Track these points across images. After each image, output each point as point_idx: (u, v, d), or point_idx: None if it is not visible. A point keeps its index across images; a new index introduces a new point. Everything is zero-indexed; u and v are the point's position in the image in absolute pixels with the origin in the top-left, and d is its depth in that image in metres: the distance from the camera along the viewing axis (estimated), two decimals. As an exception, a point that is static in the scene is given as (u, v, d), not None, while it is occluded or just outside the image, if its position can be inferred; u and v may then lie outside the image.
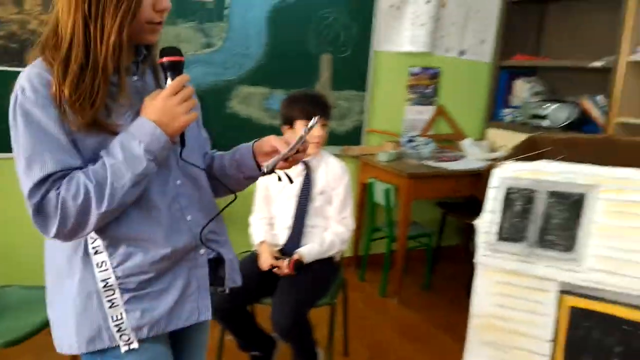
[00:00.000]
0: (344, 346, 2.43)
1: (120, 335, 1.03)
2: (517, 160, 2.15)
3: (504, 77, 3.76)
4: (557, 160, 2.19)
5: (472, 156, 3.41)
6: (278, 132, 2.13)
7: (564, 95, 3.53)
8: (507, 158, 2.17)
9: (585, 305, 2.02)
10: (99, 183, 0.94)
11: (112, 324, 1.02)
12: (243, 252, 2.17)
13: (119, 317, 1.02)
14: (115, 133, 0.98)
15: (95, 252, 1.01)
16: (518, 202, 2.15)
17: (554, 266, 2.05)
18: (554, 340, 2.09)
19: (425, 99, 3.61)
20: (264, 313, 2.03)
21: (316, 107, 2.05)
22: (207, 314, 1.13)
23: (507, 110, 3.75)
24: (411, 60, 3.50)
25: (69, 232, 0.95)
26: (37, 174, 0.93)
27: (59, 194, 0.93)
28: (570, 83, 3.52)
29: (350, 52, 3.24)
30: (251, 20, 2.98)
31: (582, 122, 3.23)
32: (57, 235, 0.95)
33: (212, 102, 2.97)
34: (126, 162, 0.96)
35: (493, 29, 3.70)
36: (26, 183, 0.94)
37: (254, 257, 2.09)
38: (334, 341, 2.13)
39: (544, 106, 3.31)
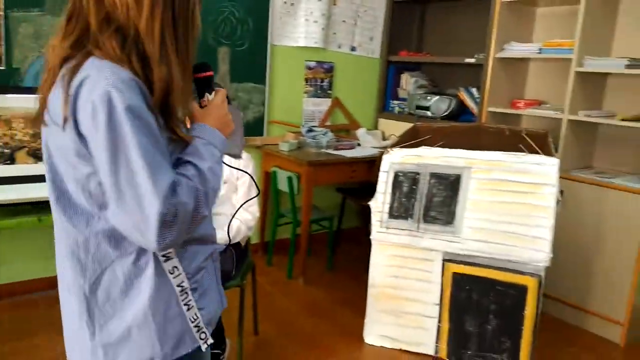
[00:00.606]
0: (254, 326, 2.55)
1: (200, 335, 1.04)
2: (403, 147, 2.40)
3: (391, 71, 4.07)
4: (437, 146, 2.48)
5: (366, 144, 3.66)
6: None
7: (445, 87, 3.91)
8: (394, 145, 2.41)
9: (465, 270, 2.32)
10: (204, 188, 0.92)
11: (192, 326, 1.02)
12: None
13: (196, 316, 1.03)
14: (183, 138, 0.96)
15: (167, 260, 0.98)
16: (405, 183, 2.41)
17: (437, 238, 2.34)
18: (441, 303, 2.38)
19: (322, 92, 3.81)
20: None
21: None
22: (226, 300, 1.18)
23: (395, 102, 4.06)
24: (307, 55, 3.67)
25: (178, 240, 0.89)
26: (166, 181, 0.86)
27: (181, 201, 0.87)
28: (450, 77, 3.90)
29: (247, 45, 3.33)
30: None
31: (460, 111, 3.61)
32: (166, 246, 0.88)
33: None
34: (216, 165, 0.97)
35: (380, 27, 3.99)
36: (155, 192, 0.84)
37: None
38: (244, 322, 2.24)
39: (427, 98, 3.64)
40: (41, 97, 0.94)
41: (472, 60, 3.37)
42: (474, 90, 3.50)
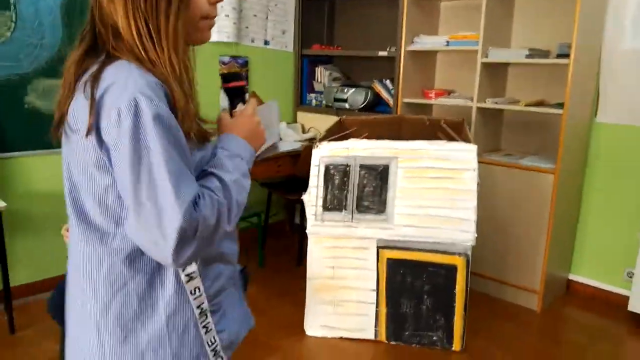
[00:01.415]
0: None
1: (217, 359, 1.00)
2: (331, 140, 2.44)
3: (305, 64, 4.10)
4: (362, 137, 2.55)
5: (287, 138, 3.67)
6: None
7: (359, 80, 4.02)
8: (322, 139, 2.45)
9: (398, 255, 2.42)
10: (227, 201, 0.89)
11: (209, 350, 0.98)
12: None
13: (213, 340, 0.99)
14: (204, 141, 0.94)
15: (189, 280, 0.94)
16: (336, 176, 2.45)
17: (371, 227, 2.41)
18: (377, 289, 2.46)
19: (237, 88, 3.75)
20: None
21: None
22: (253, 320, 1.15)
23: (312, 95, 4.10)
24: (221, 50, 3.59)
25: (196, 256, 0.85)
26: (189, 194, 0.82)
27: (203, 215, 0.83)
28: (362, 69, 4.02)
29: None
30: (43, 9, 2.74)
31: (376, 103, 3.73)
32: (183, 262, 0.84)
33: (6, 98, 2.67)
34: (243, 178, 0.94)
35: (292, 20, 4.00)
36: (176, 206, 0.80)
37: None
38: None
39: (345, 90, 3.72)
40: (58, 113, 0.91)
41: (385, 54, 3.49)
42: (387, 82, 3.63)
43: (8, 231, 2.57)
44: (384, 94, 3.68)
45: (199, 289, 0.95)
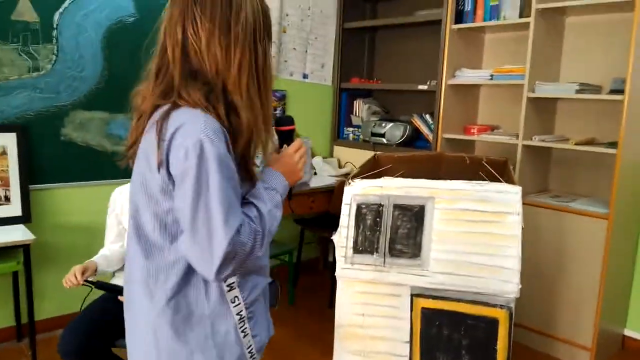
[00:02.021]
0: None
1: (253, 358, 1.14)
2: (364, 177, 2.32)
3: (344, 98, 4.03)
4: (397, 175, 2.41)
5: (323, 173, 3.57)
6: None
7: (398, 114, 3.90)
8: (355, 176, 2.32)
9: (434, 305, 2.24)
10: (262, 230, 1.02)
11: (246, 352, 1.12)
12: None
13: (250, 343, 1.13)
14: (254, 179, 1.09)
15: (230, 290, 1.08)
16: (368, 216, 2.31)
17: (404, 272, 2.25)
18: (411, 341, 2.28)
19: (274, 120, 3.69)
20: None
21: None
22: (273, 328, 1.27)
23: (349, 129, 4.01)
24: (258, 83, 3.56)
25: (232, 274, 1.00)
26: (235, 224, 0.97)
27: (242, 241, 0.98)
28: (402, 103, 3.90)
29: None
30: (84, 42, 2.78)
31: (415, 138, 3.60)
32: (221, 279, 0.99)
33: (43, 129, 2.69)
34: (275, 209, 1.07)
35: (331, 54, 3.95)
36: (224, 234, 0.95)
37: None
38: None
39: (382, 125, 3.61)
40: (133, 137, 1.08)
41: (425, 87, 3.37)
42: (427, 117, 3.50)
43: (36, 264, 2.55)
44: (424, 129, 3.54)
45: (238, 298, 1.10)
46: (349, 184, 2.30)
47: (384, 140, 3.58)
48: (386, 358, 2.30)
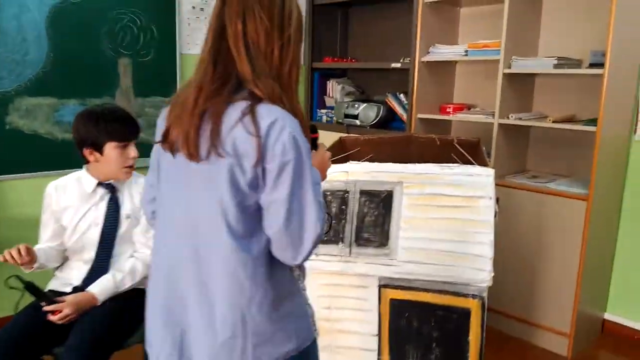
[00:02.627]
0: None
1: (314, 327, 1.25)
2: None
3: (316, 78, 3.87)
4: (366, 159, 2.28)
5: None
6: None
7: (373, 94, 3.75)
8: (319, 161, 2.18)
9: (402, 296, 2.12)
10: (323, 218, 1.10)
11: (311, 320, 1.24)
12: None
13: (311, 311, 1.25)
14: None
15: (293, 270, 1.19)
16: (334, 204, 2.18)
17: (371, 262, 2.13)
18: (379, 334, 2.17)
19: (241, 103, 3.53)
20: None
21: (130, 126, 1.83)
22: None
23: (322, 111, 3.86)
24: (222, 64, 3.39)
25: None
26: (322, 216, 1.07)
27: (322, 232, 1.08)
28: (378, 83, 3.75)
29: (153, 55, 3.01)
30: (27, 23, 2.58)
31: (390, 119, 3.46)
32: (300, 264, 1.15)
33: (-15, 118, 2.52)
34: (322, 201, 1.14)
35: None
36: (315, 224, 1.05)
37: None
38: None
39: (355, 105, 3.46)
40: (194, 133, 1.04)
41: (398, 65, 3.22)
42: (402, 97, 3.36)
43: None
44: (399, 110, 3.40)
45: (300, 274, 1.24)
46: (311, 169, 2.16)
47: (358, 122, 3.44)
48: (355, 353, 2.19)
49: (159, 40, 3.02)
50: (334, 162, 2.21)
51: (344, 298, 2.17)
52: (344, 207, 2.17)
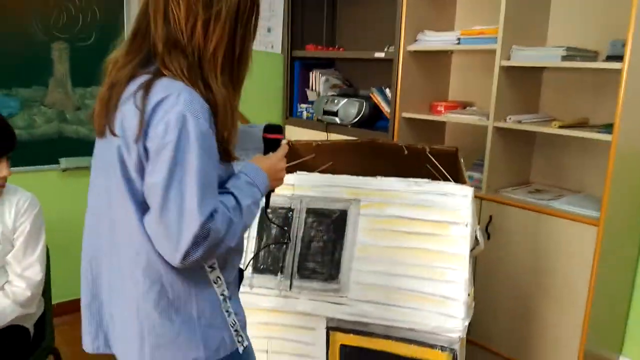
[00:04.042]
0: None
1: (237, 338, 1.13)
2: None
3: (297, 69, 3.49)
4: (320, 170, 1.91)
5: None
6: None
7: (362, 87, 3.36)
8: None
9: (356, 342, 1.75)
10: (237, 220, 1.02)
11: (232, 330, 1.12)
12: None
13: (234, 322, 1.13)
14: (232, 159, 1.09)
15: (212, 270, 1.09)
16: (274, 224, 1.81)
17: (317, 299, 1.75)
18: (327, 387, 1.80)
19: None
20: None
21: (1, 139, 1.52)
22: None
23: (303, 106, 3.48)
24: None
25: (199, 261, 0.98)
26: (210, 206, 0.96)
27: (215, 227, 0.97)
28: (366, 75, 3.36)
29: (94, 40, 2.67)
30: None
31: (376, 117, 3.07)
32: (186, 264, 0.97)
33: None
34: (253, 205, 1.08)
35: (280, 16, 3.40)
36: (197, 214, 0.94)
37: None
38: None
39: (335, 101, 3.08)
40: (100, 107, 1.03)
41: (381, 55, 2.82)
42: (388, 91, 2.96)
43: None
44: (384, 107, 3.00)
45: (219, 278, 1.11)
46: (247, 181, 1.79)
47: (337, 120, 3.06)
48: (297, 407, 1.82)
49: (102, 22, 2.67)
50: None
51: (284, 341, 1.80)
52: (286, 228, 1.79)
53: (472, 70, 2.78)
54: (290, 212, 1.81)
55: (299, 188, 1.81)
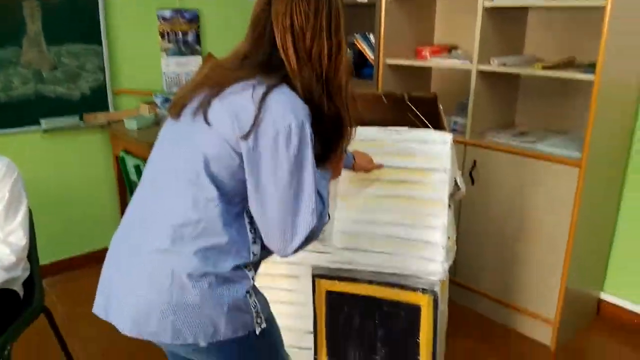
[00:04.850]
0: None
1: (257, 319, 1.15)
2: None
3: (279, 16, 3.43)
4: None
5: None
6: None
7: (350, 33, 3.31)
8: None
9: (341, 288, 1.83)
10: (325, 215, 1.18)
11: (253, 312, 1.14)
12: None
13: (255, 304, 1.15)
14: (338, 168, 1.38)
15: (254, 256, 1.15)
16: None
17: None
18: (315, 331, 1.90)
19: (187, 48, 3.16)
20: None
21: None
22: None
23: (287, 55, 3.45)
24: (158, 2, 2.99)
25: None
26: (319, 208, 1.12)
27: (318, 226, 1.11)
28: (354, 20, 3.31)
29: (65, -5, 2.62)
30: None
31: (361, 64, 3.06)
32: (287, 256, 1.13)
33: None
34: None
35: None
36: (312, 215, 1.08)
37: None
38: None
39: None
40: (195, 92, 1.12)
41: (364, 0, 2.78)
42: (372, 37, 2.93)
43: None
44: (369, 54, 2.99)
45: (250, 265, 1.15)
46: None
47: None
48: (287, 351, 1.92)
49: (72, -25, 2.62)
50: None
51: (272, 289, 1.86)
52: (269, 181, 1.84)
53: (457, 12, 2.75)
54: (272, 165, 1.85)
55: (280, 140, 1.83)
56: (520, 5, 2.32)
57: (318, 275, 1.83)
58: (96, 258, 3.05)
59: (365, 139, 1.76)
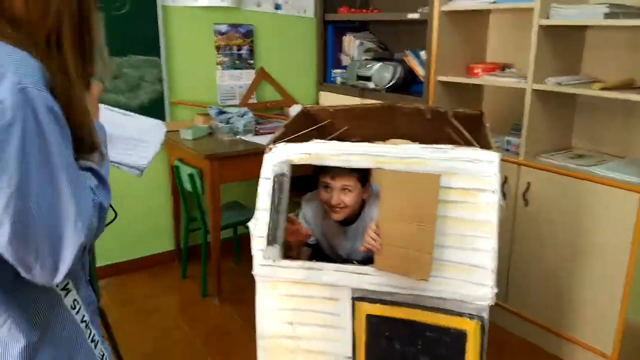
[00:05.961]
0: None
1: None
2: (289, 141, 1.73)
3: (330, 33, 3.37)
4: (334, 136, 1.83)
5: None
6: None
7: (397, 51, 3.21)
8: (278, 139, 1.74)
9: (382, 312, 1.69)
10: (104, 204, 0.83)
11: None
12: None
13: (102, 353, 0.92)
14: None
15: (67, 293, 0.83)
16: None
17: (342, 270, 1.70)
18: (354, 356, 1.77)
19: (241, 62, 3.13)
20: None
21: None
22: None
23: (337, 71, 3.38)
24: (215, 17, 2.97)
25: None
26: (88, 208, 0.76)
27: (94, 225, 0.77)
28: (401, 38, 3.20)
29: (129, 8, 2.64)
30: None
31: (411, 81, 2.94)
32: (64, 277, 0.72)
33: None
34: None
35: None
36: (80, 219, 0.71)
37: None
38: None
39: (368, 66, 2.96)
40: None
41: (415, 16, 2.67)
42: (423, 54, 2.81)
43: None
44: (419, 70, 2.86)
45: (77, 301, 0.85)
46: (270, 150, 1.73)
47: (371, 85, 2.94)
48: (324, 374, 1.81)
49: (135, -9, 2.65)
50: (297, 139, 1.76)
51: (309, 312, 1.76)
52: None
53: (511, 30, 2.59)
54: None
55: (316, 157, 1.72)
56: (577, 24, 2.14)
57: (358, 298, 1.71)
58: (146, 264, 3.06)
59: (407, 156, 1.64)
